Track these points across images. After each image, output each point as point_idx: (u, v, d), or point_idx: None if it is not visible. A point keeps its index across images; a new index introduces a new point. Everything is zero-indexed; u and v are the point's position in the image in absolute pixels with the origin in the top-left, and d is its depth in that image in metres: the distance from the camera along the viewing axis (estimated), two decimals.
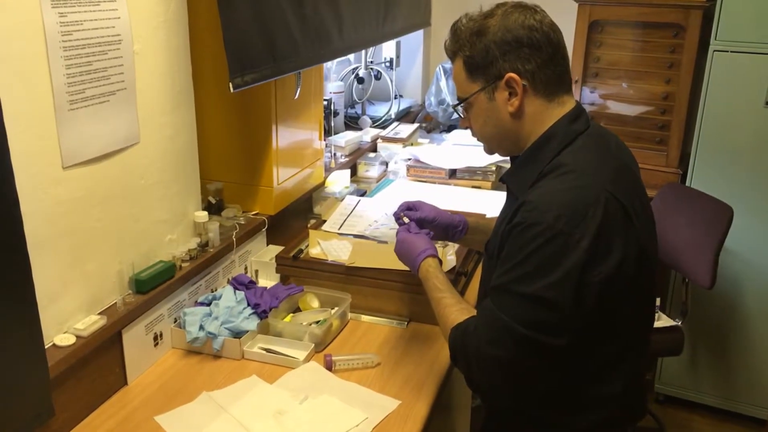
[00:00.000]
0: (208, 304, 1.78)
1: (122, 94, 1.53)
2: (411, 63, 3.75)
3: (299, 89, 2.15)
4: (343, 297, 1.89)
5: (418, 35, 3.70)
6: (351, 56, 3.53)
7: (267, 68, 1.86)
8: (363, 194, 2.64)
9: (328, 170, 2.62)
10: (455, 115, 3.45)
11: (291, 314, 1.86)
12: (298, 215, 2.43)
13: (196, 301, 1.80)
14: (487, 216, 2.32)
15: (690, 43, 2.99)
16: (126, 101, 1.55)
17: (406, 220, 1.75)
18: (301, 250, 2.00)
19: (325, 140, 2.67)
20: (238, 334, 1.71)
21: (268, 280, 2.07)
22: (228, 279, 1.97)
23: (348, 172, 2.63)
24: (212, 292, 1.88)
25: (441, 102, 3.47)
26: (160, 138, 1.69)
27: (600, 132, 1.46)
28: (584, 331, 1.29)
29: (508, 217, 1.37)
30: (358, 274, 1.90)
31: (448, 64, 3.49)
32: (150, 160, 1.66)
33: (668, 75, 3.11)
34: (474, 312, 1.42)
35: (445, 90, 3.44)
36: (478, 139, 1.53)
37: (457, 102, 1.49)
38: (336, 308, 1.87)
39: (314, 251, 2.00)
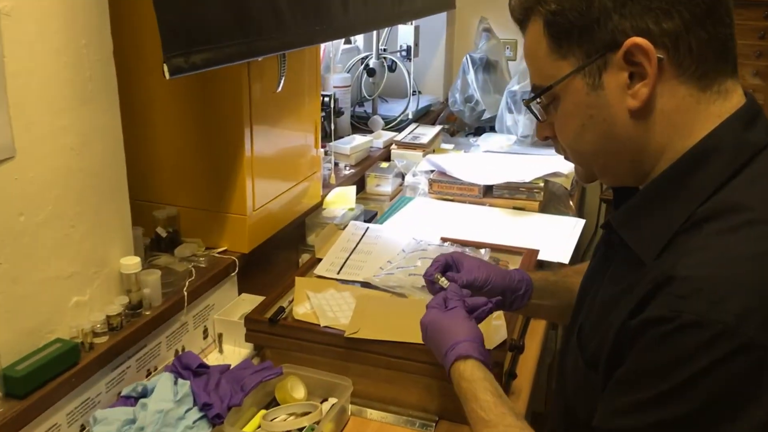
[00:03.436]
0: (138, 399, 1.18)
1: None
2: (432, 52, 3.14)
3: (283, 79, 1.54)
4: (342, 383, 1.28)
5: (440, 19, 3.09)
6: (360, 43, 2.94)
7: (231, 45, 1.26)
8: (372, 218, 2.03)
9: (328, 186, 2.02)
10: (485, 115, 2.84)
11: (263, 410, 1.25)
12: (286, 248, 1.82)
13: (118, 395, 1.20)
14: (541, 252, 1.72)
15: None
16: None
17: (443, 282, 1.14)
18: (283, 309, 1.39)
19: (324, 147, 2.07)
20: None
21: (236, 347, 1.47)
22: (177, 351, 1.37)
23: (353, 188, 2.02)
24: (147, 376, 1.28)
25: (468, 99, 2.86)
26: (55, 150, 1.09)
27: None
28: None
29: (631, 305, 0.77)
30: (363, 348, 1.30)
31: (477, 54, 2.88)
32: (37, 185, 1.06)
33: (756, 66, 2.49)
34: None
35: (473, 84, 2.83)
36: (566, 157, 0.93)
37: (531, 95, 0.89)
38: (331, 401, 1.27)
39: (301, 310, 1.39)
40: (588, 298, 0.95)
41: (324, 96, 2.19)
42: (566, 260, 1.77)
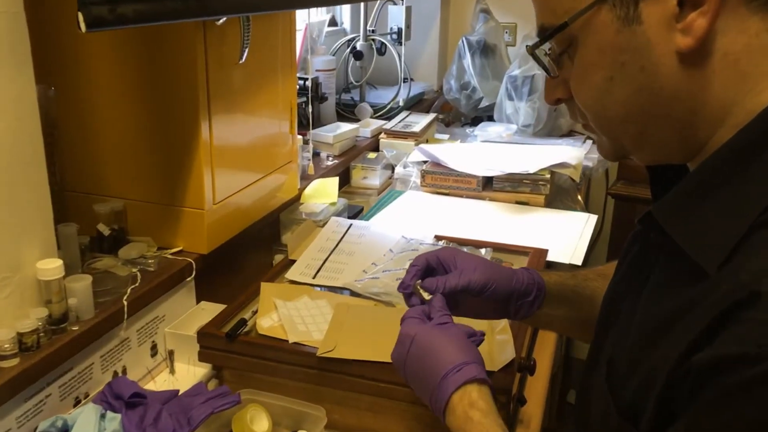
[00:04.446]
0: None
1: None
2: (425, 36, 2.91)
3: (247, 49, 1.31)
4: (314, 413, 1.05)
5: None
6: (347, 24, 2.71)
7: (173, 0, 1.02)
8: (358, 213, 1.80)
9: (307, 178, 1.78)
10: (483, 103, 2.61)
11: None
12: (257, 248, 1.59)
13: (35, 431, 0.97)
14: (550, 252, 1.49)
15: None
16: None
17: (425, 296, 0.90)
18: (244, 321, 1.16)
19: (304, 135, 1.84)
20: None
21: (191, 366, 1.24)
22: (116, 373, 1.14)
23: (335, 180, 1.79)
24: (75, 406, 1.05)
25: (464, 86, 2.63)
26: None
27: None
28: None
29: (691, 334, 0.54)
30: (341, 370, 1.07)
31: (474, 37, 2.65)
32: None
33: None
34: None
35: (470, 70, 2.60)
36: (586, 124, 0.70)
37: (539, 38, 0.67)
38: None
39: (266, 323, 1.16)
40: (620, 319, 0.71)
41: (303, 78, 1.97)
42: (579, 261, 1.54)
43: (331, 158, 1.99)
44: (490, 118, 2.61)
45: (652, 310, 0.62)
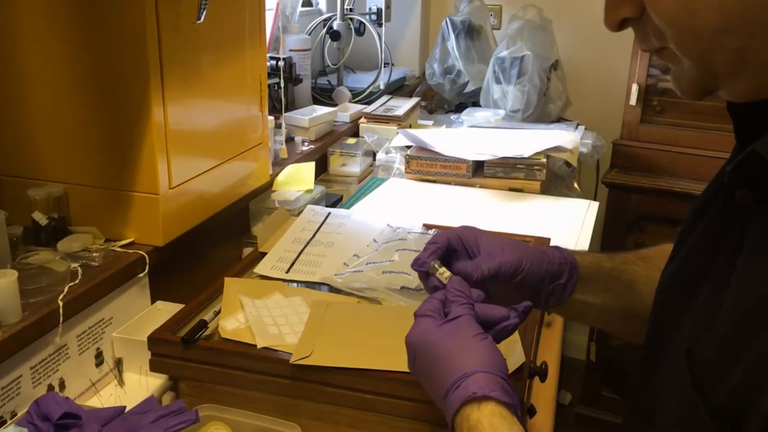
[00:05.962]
0: None
1: None
2: (405, 18, 2.75)
3: (205, 7, 1.13)
4: (287, 431, 0.88)
5: None
6: (323, 5, 2.54)
7: None
8: (336, 202, 1.64)
9: (280, 164, 1.61)
10: (468, 87, 2.45)
11: None
12: (224, 241, 1.42)
13: None
14: (551, 242, 1.33)
15: None
16: None
17: (442, 275, 0.74)
18: (205, 324, 0.98)
19: (277, 117, 1.67)
20: None
21: (143, 376, 1.06)
22: (51, 386, 0.96)
23: (311, 165, 1.62)
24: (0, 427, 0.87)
25: (448, 70, 2.47)
26: None
27: None
28: None
29: None
30: (318, 379, 0.90)
31: (459, 17, 2.49)
32: None
33: None
34: None
35: (455, 52, 2.44)
36: (661, 49, 0.53)
37: None
38: None
39: (230, 325, 0.98)
40: (697, 300, 0.55)
41: (275, 58, 1.80)
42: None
43: (306, 143, 1.82)
44: (476, 104, 2.45)
45: (755, 284, 0.47)
